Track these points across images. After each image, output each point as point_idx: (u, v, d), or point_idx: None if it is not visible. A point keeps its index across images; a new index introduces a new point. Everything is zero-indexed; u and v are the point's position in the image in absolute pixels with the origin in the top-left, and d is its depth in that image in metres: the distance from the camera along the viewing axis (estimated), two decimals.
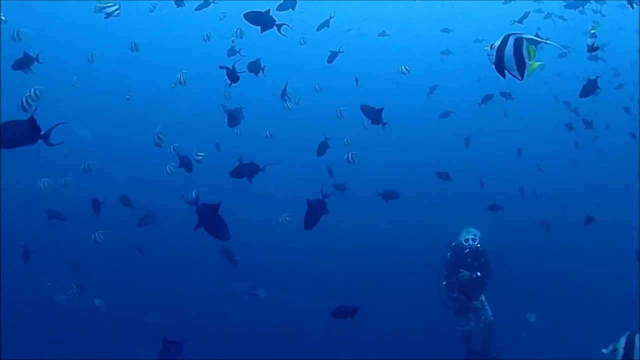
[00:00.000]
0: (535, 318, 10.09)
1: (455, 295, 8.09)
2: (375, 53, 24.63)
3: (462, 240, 8.23)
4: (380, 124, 7.36)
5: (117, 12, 7.86)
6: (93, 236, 8.38)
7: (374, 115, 7.40)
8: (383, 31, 17.81)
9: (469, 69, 18.33)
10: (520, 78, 3.15)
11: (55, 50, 21.53)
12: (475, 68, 16.01)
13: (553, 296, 11.54)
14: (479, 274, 8.01)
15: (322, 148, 9.23)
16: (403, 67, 10.46)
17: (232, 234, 4.48)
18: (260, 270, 11.31)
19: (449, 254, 8.27)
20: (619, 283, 11.36)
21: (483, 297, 8.31)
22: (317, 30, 12.38)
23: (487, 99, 12.07)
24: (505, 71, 3.19)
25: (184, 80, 9.37)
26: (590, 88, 7.00)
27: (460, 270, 7.99)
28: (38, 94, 6.84)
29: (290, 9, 8.40)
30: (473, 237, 8.19)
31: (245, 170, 6.55)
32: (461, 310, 8.22)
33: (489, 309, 8.34)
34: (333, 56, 10.98)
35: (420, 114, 20.05)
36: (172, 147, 9.42)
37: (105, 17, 7.97)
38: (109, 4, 7.83)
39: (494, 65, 3.23)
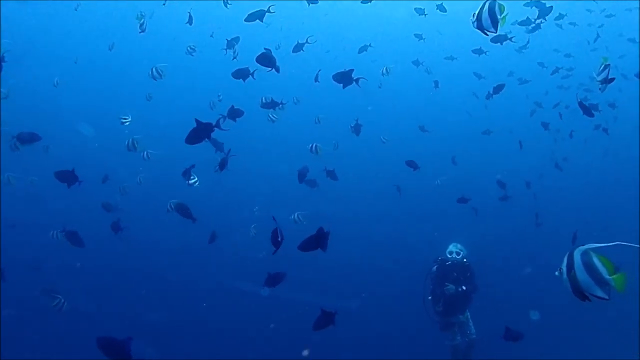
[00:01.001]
0: (539, 316, 10.11)
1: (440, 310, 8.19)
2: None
3: (447, 253, 8.35)
4: (353, 82, 7.52)
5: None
6: None
7: (345, 77, 7.52)
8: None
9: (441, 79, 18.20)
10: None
11: (55, 50, 21.73)
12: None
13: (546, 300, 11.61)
14: (464, 287, 8.06)
15: (302, 174, 9.25)
16: (385, 68, 10.65)
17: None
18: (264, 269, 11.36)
19: (434, 267, 8.34)
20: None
21: (468, 313, 8.42)
22: (292, 52, 11.80)
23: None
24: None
25: (159, 73, 9.37)
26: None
27: (446, 284, 8.04)
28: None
29: (258, 20, 8.79)
30: (457, 251, 8.30)
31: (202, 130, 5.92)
32: (447, 325, 8.33)
33: (472, 326, 8.45)
34: (299, 47, 11.00)
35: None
36: (145, 153, 9.43)
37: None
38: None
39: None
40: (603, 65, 4.76)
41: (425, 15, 16.80)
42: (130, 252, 11.59)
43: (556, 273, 2.91)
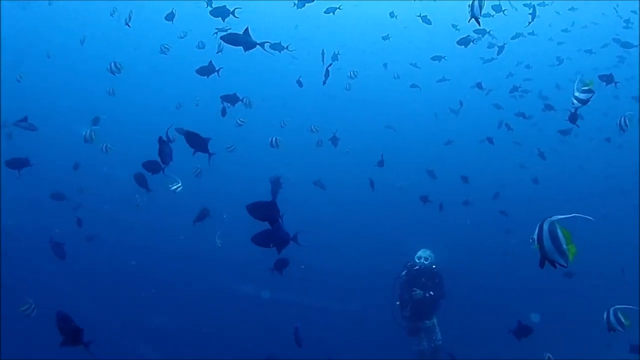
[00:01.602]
0: (539, 319, 10.03)
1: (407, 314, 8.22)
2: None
3: (416, 258, 8.41)
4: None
5: None
6: None
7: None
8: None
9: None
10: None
11: (53, 50, 21.88)
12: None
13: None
14: (432, 293, 8.10)
15: (275, 186, 8.84)
16: (352, 72, 10.65)
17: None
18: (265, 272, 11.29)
19: (404, 273, 8.37)
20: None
21: (435, 320, 8.45)
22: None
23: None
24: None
25: (117, 67, 9.36)
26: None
27: (414, 289, 8.07)
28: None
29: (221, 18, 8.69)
30: (426, 257, 8.36)
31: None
32: (413, 330, 8.36)
33: (439, 332, 8.48)
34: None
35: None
36: (104, 146, 9.41)
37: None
38: None
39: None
40: (587, 88, 4.92)
41: (395, 16, 17.11)
42: (130, 254, 11.62)
43: (530, 240, 3.19)
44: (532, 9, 11.95)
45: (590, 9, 22.97)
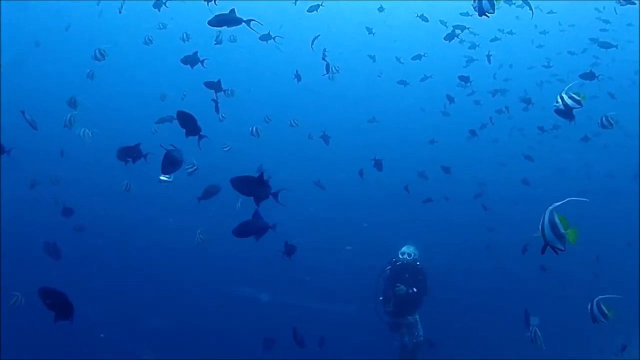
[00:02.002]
0: (538, 321, 10.23)
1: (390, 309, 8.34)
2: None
3: (399, 254, 8.53)
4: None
5: None
6: None
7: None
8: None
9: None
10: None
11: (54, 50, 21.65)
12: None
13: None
14: (415, 289, 8.21)
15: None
16: (333, 67, 10.79)
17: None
18: (263, 275, 11.38)
19: (388, 268, 8.50)
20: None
21: (417, 316, 8.59)
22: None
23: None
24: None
25: (102, 54, 9.33)
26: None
27: (397, 285, 8.19)
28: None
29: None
30: (409, 253, 8.48)
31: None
32: (395, 326, 8.50)
33: (421, 328, 8.63)
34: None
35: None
36: (82, 131, 9.35)
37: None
38: None
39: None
40: (578, 99, 5.00)
41: (373, 34, 17.42)
42: (130, 255, 11.57)
43: (534, 235, 3.50)
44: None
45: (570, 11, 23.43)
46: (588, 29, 20.33)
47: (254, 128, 9.46)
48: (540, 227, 3.46)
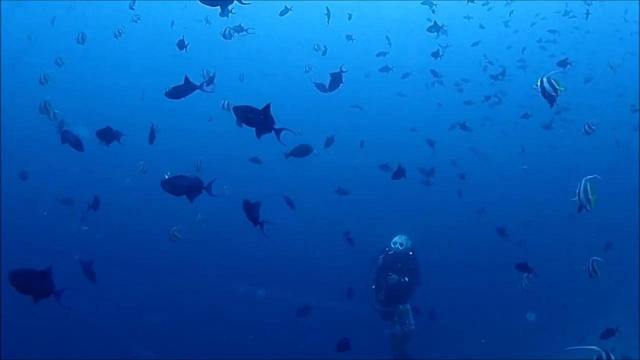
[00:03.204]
0: (534, 317, 10.29)
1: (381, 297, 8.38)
2: None
3: (392, 243, 8.54)
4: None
5: None
6: None
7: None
8: None
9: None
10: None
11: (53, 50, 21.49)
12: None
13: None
14: (406, 279, 8.26)
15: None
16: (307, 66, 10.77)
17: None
18: (259, 270, 11.38)
19: (381, 258, 8.53)
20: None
21: (409, 305, 8.64)
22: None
23: None
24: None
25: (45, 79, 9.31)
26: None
27: (389, 273, 8.23)
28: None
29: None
30: (401, 242, 8.48)
31: None
32: (387, 314, 8.54)
33: (412, 318, 8.68)
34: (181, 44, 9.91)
35: None
36: (52, 113, 8.78)
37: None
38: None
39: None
40: (558, 88, 5.02)
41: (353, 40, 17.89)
42: (129, 253, 11.58)
43: (574, 199, 4.39)
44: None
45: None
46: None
47: (225, 102, 9.10)
48: (577, 192, 4.34)
